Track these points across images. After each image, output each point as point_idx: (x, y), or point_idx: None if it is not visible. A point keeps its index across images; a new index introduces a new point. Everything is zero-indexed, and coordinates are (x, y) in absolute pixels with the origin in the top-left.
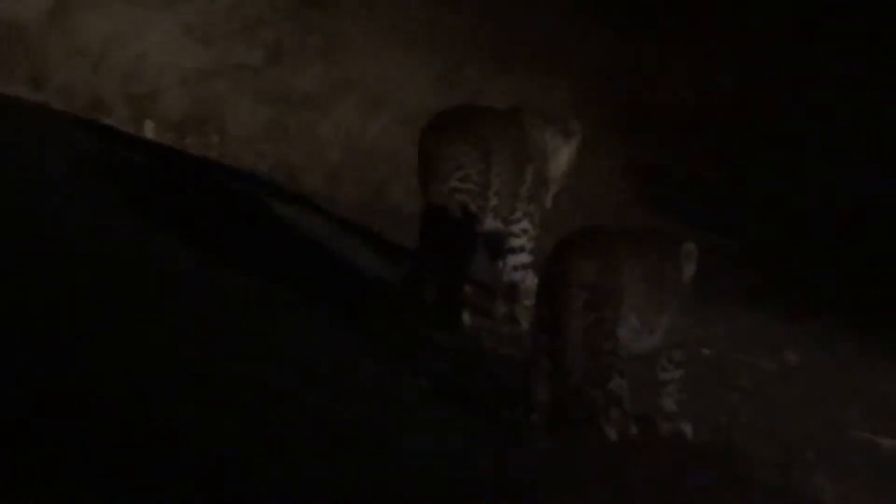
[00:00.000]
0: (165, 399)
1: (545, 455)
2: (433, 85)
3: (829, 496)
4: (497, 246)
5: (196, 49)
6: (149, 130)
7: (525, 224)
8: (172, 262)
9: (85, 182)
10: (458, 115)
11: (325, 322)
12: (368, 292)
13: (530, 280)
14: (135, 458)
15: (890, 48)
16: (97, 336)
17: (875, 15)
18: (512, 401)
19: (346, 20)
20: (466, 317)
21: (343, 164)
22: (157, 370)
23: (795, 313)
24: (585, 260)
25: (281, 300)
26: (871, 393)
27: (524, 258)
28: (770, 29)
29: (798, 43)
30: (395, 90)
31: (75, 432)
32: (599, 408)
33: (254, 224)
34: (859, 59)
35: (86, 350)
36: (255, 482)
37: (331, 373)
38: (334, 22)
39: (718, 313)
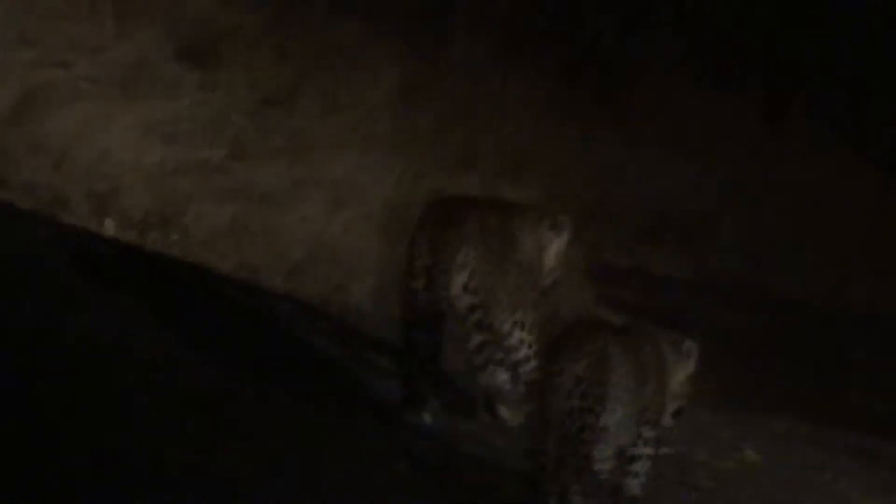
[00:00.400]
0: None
1: None
2: (396, 183)
3: None
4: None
5: (158, 146)
6: (109, 228)
7: (518, 335)
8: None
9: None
10: (463, 209)
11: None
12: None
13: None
14: None
15: None
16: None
17: None
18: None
19: (308, 119)
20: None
21: (305, 262)
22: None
23: (755, 411)
24: (575, 360)
25: (245, 387)
26: (831, 492)
27: (534, 364)
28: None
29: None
30: (358, 188)
31: None
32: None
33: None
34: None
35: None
36: None
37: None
38: (297, 120)
39: None
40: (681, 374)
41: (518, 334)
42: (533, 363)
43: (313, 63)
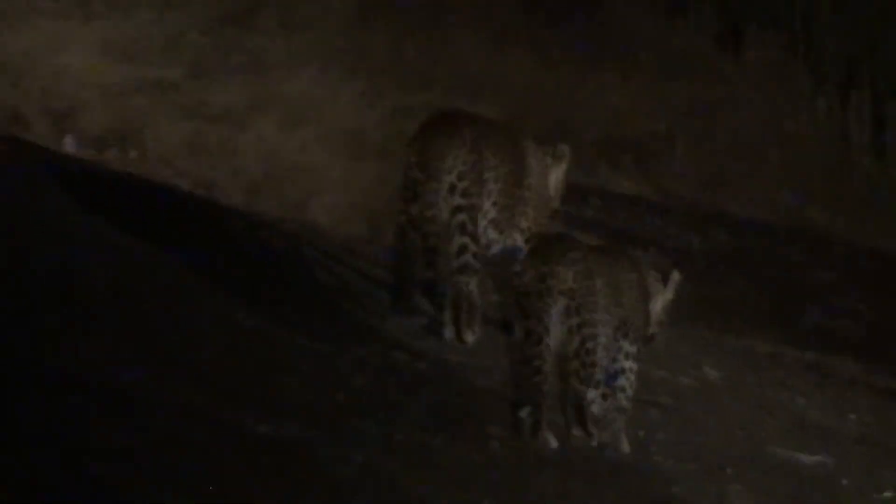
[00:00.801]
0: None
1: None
2: (353, 102)
3: None
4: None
5: (116, 65)
6: (69, 145)
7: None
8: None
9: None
10: (453, 121)
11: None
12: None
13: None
14: None
15: None
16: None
17: None
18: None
19: (266, 38)
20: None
21: (263, 180)
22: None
23: (715, 330)
24: (565, 267)
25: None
26: (790, 410)
27: None
28: (691, 53)
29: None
30: (316, 107)
31: None
32: (587, 404)
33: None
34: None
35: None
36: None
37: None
38: (254, 39)
39: None
40: (660, 300)
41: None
42: None
43: None
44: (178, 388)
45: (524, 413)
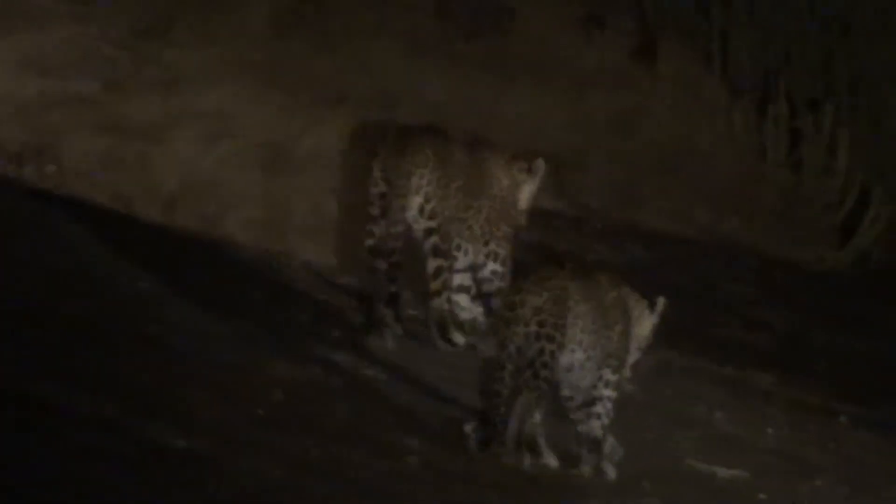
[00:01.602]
0: None
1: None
2: (269, 116)
3: None
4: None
5: (32, 79)
6: None
7: (492, 266)
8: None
9: None
10: (417, 137)
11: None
12: None
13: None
14: None
15: None
16: None
17: None
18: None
19: (182, 52)
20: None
21: (180, 195)
22: None
23: None
24: (536, 294)
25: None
26: (706, 423)
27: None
28: (607, 65)
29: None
30: (232, 121)
31: None
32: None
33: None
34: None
35: None
36: None
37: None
38: (171, 53)
39: None
40: (647, 325)
41: (491, 266)
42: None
43: None
44: (94, 400)
45: (469, 428)
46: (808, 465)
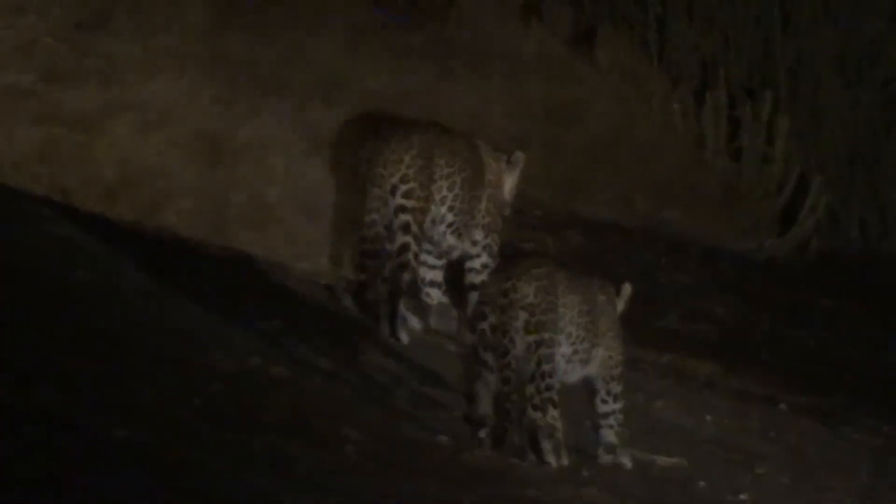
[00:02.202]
0: None
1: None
2: (208, 106)
3: None
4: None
5: None
6: None
7: (485, 258)
8: None
9: None
10: (403, 129)
11: None
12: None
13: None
14: None
15: None
16: None
17: None
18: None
19: (120, 42)
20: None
21: (118, 185)
22: None
23: None
24: (526, 283)
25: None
26: (646, 412)
27: None
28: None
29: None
30: (170, 111)
31: None
32: (541, 431)
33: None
34: None
35: None
36: None
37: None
38: (109, 44)
39: None
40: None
41: (484, 258)
42: None
43: None
44: (33, 392)
45: (482, 433)
46: (750, 454)
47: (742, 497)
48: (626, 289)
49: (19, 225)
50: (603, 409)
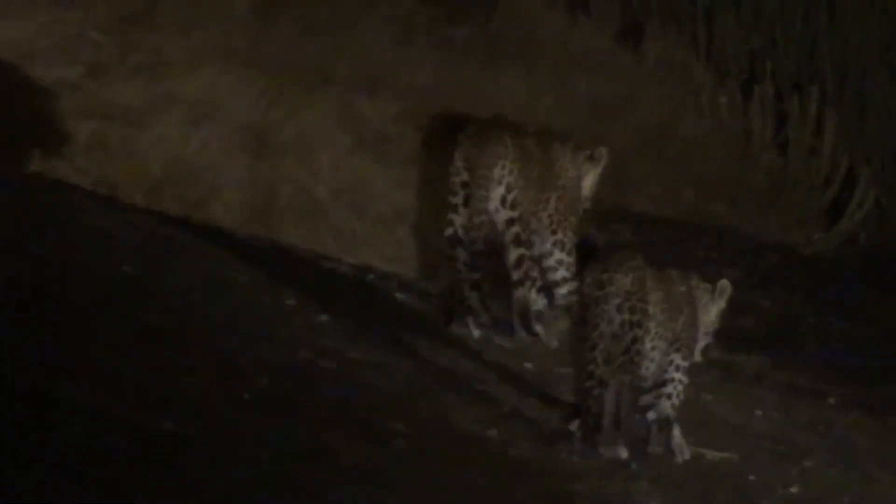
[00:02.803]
0: None
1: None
2: (254, 100)
3: None
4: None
5: (15, 65)
6: None
7: (558, 255)
8: None
9: None
10: (496, 129)
11: None
12: None
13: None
14: None
15: None
16: None
17: None
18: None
19: (166, 36)
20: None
21: (164, 180)
22: None
23: None
24: (622, 273)
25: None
26: (695, 406)
27: (570, 286)
28: (593, 48)
29: (621, 61)
30: (216, 105)
31: None
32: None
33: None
34: None
35: None
36: None
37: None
38: (154, 38)
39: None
40: (713, 310)
41: (558, 255)
42: (570, 286)
43: None
44: (82, 389)
45: (573, 426)
46: (798, 447)
47: (792, 490)
48: (724, 285)
49: (66, 219)
50: (664, 376)
